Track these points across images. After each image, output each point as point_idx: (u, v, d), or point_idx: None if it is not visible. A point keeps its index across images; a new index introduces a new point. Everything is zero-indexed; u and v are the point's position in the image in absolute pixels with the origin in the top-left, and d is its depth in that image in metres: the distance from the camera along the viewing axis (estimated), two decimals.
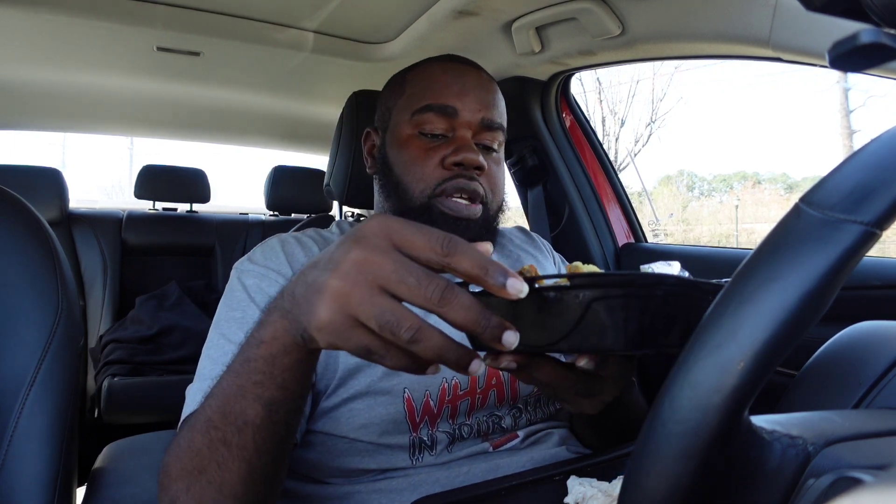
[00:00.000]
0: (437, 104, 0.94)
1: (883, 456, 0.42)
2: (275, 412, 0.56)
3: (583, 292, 0.49)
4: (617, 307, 0.49)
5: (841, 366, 0.59)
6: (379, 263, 0.44)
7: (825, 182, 0.40)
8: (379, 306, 0.44)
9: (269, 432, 0.57)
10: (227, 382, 0.58)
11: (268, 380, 0.55)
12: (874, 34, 0.43)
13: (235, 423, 0.56)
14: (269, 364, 0.54)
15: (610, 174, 1.79)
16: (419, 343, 0.44)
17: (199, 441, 0.59)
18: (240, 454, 0.57)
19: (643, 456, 0.40)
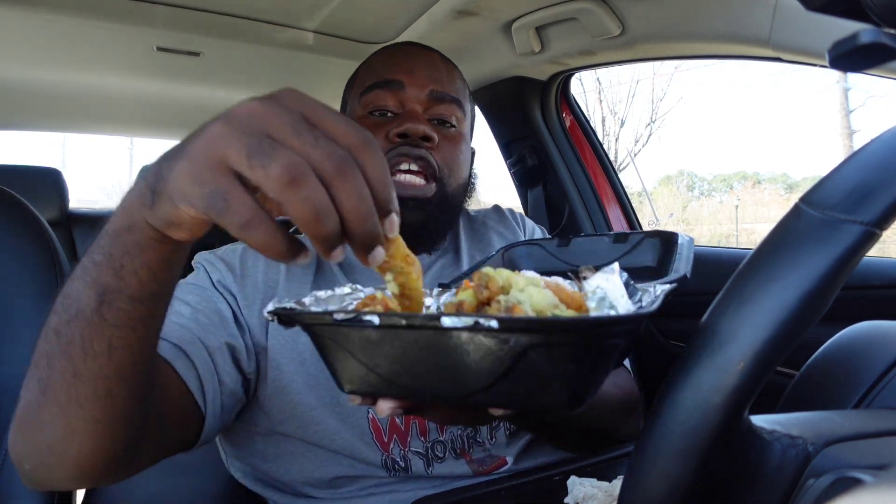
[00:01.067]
0: (382, 80, 0.91)
1: (883, 456, 0.42)
2: (107, 307, 0.48)
3: (514, 337, 0.38)
4: (564, 357, 0.39)
5: (841, 366, 0.59)
6: (276, 115, 0.39)
7: (825, 182, 0.40)
8: (257, 141, 0.38)
9: (98, 332, 0.49)
10: (78, 266, 0.51)
11: (105, 260, 0.47)
12: (874, 34, 0.43)
13: (68, 311, 0.50)
14: (111, 241, 0.47)
15: (610, 174, 1.80)
16: (293, 186, 0.37)
17: (43, 331, 0.52)
18: (66, 348, 0.50)
19: (643, 456, 0.40)
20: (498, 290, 0.45)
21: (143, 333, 0.52)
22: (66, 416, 0.52)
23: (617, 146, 13.17)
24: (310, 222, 0.38)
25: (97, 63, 1.74)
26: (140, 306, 0.49)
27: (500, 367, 0.39)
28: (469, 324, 0.38)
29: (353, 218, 0.39)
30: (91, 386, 0.51)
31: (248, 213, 0.38)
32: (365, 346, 0.43)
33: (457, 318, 0.38)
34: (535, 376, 0.40)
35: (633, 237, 0.67)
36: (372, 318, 0.41)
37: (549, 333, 0.38)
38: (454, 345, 0.40)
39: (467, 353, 0.40)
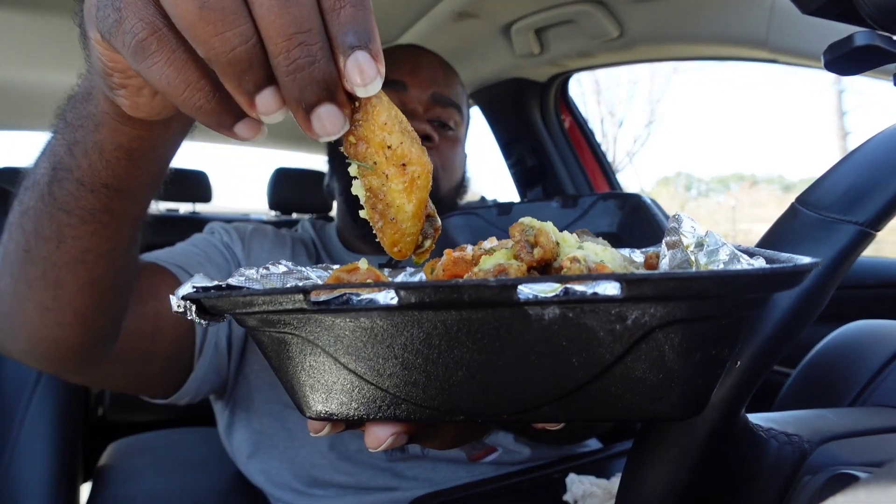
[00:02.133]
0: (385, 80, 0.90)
1: (878, 453, 0.43)
2: (57, 185, 0.44)
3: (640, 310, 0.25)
4: (707, 336, 0.26)
5: (836, 364, 0.59)
6: None
7: (821, 183, 0.41)
8: None
9: (49, 212, 0.45)
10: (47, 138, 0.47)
11: (63, 128, 0.44)
12: (868, 37, 0.43)
13: (28, 179, 0.47)
14: (71, 107, 0.43)
15: (608, 175, 1.80)
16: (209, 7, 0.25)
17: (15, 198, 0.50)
18: (20, 222, 0.47)
19: (641, 453, 0.40)
20: (554, 249, 0.32)
21: (94, 229, 0.47)
22: (16, 294, 0.50)
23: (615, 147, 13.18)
24: (196, 25, 0.26)
25: None
26: (89, 195, 0.44)
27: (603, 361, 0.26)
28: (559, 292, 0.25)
29: (274, 33, 0.26)
30: (39, 269, 0.48)
31: (142, 28, 0.28)
32: (363, 342, 0.28)
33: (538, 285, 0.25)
34: (654, 370, 0.26)
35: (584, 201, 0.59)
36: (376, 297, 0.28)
37: (703, 300, 0.25)
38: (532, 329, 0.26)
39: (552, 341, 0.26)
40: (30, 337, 0.53)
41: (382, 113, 0.30)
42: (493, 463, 0.86)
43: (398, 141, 0.30)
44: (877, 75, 0.94)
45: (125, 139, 0.41)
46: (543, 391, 0.27)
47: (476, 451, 0.86)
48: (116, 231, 0.50)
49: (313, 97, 0.27)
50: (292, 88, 0.26)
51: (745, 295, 0.26)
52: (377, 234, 0.33)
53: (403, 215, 0.31)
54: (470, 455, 0.85)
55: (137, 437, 1.31)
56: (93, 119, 0.41)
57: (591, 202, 0.58)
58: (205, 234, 0.88)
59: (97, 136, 0.41)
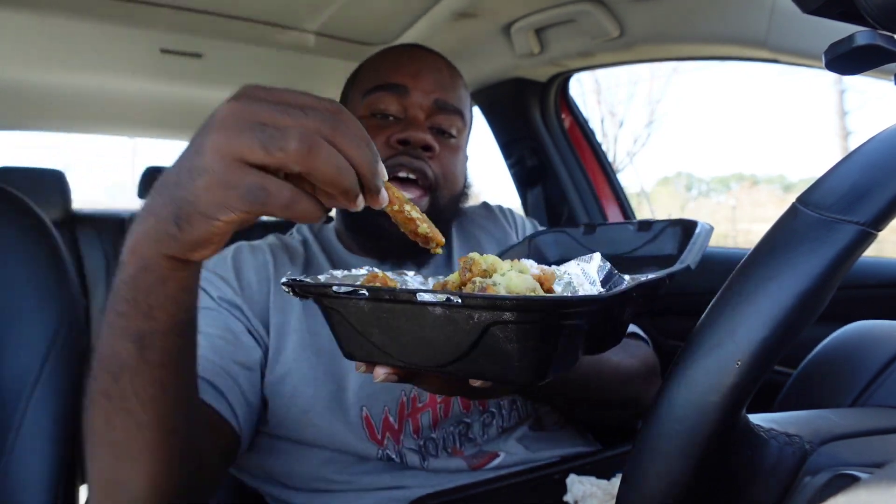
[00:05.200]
0: (387, 83, 0.89)
1: (879, 453, 0.43)
2: (148, 350, 0.49)
3: (478, 313, 0.41)
4: (522, 335, 0.41)
5: (837, 365, 0.59)
6: (257, 106, 0.41)
7: (821, 183, 0.41)
8: (262, 130, 0.40)
9: (147, 377, 0.50)
10: (102, 324, 0.51)
11: (132, 309, 0.48)
12: (869, 36, 0.43)
13: (111, 371, 0.50)
14: (131, 288, 0.48)
15: (608, 175, 1.80)
16: (312, 153, 0.40)
17: (88, 398, 0.53)
18: (121, 405, 0.50)
19: (641, 454, 0.40)
20: (479, 273, 0.48)
21: (185, 362, 0.54)
22: (142, 466, 0.53)
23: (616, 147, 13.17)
24: (335, 179, 0.42)
25: (101, 64, 1.74)
26: (176, 337, 0.51)
27: (467, 341, 0.42)
28: (442, 299, 0.41)
29: (361, 164, 0.43)
30: (157, 429, 0.52)
31: (288, 193, 0.41)
32: (360, 316, 0.48)
33: (431, 294, 0.41)
34: (497, 351, 0.42)
35: (657, 225, 0.68)
36: (362, 292, 0.45)
37: (502, 311, 0.40)
38: (430, 318, 0.43)
39: (441, 326, 0.43)
40: (164, 498, 0.56)
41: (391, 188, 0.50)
42: (495, 468, 0.85)
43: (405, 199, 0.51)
44: (878, 75, 0.94)
45: (185, 280, 0.49)
46: (446, 355, 0.44)
47: (478, 459, 0.85)
48: (195, 351, 0.56)
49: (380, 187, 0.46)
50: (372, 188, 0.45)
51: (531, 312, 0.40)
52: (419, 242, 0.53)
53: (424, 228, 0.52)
54: (472, 464, 0.85)
55: None
56: (160, 281, 0.47)
57: (662, 227, 0.68)
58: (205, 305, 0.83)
59: (167, 291, 0.48)
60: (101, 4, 1.30)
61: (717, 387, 0.38)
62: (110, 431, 0.52)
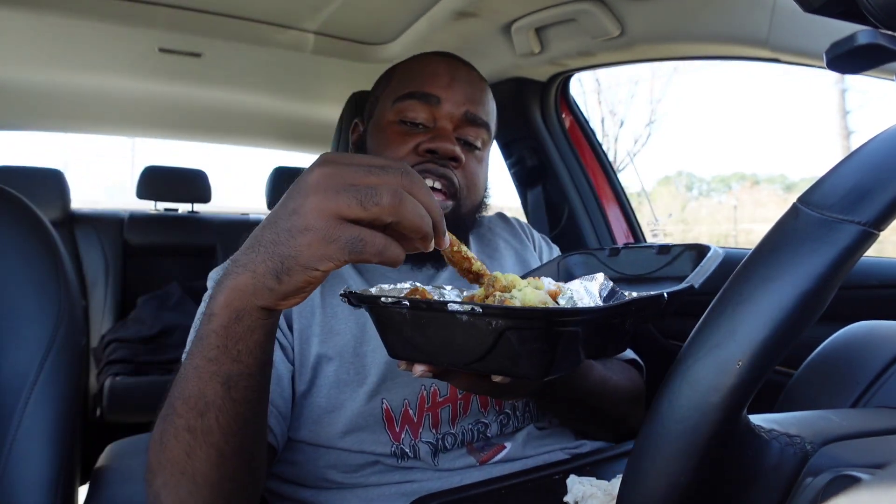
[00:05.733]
0: (420, 91, 0.91)
1: (880, 454, 0.42)
2: (234, 389, 0.55)
3: (496, 320, 0.49)
4: (529, 338, 0.49)
5: (839, 365, 0.59)
6: (349, 170, 0.49)
7: (823, 182, 0.41)
8: (356, 189, 0.47)
9: (232, 413, 0.55)
10: (184, 367, 0.57)
11: (222, 354, 0.53)
12: (871, 35, 0.43)
13: (196, 407, 0.55)
14: (221, 337, 0.53)
15: (609, 174, 1.80)
16: (402, 205, 0.47)
17: (167, 432, 0.57)
18: (206, 440, 0.56)
19: (642, 455, 0.40)
20: (500, 288, 0.58)
21: (264, 395, 0.60)
22: (223, 492, 0.58)
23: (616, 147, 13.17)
24: (419, 226, 0.49)
25: (100, 64, 1.74)
26: (259, 377, 0.57)
27: (487, 343, 0.50)
28: (467, 309, 0.49)
29: (433, 212, 0.51)
30: (237, 458, 0.58)
31: (381, 241, 0.48)
32: (403, 322, 0.55)
33: (459, 305, 0.49)
34: (511, 351, 0.50)
35: (675, 249, 0.76)
36: (405, 303, 0.53)
37: (514, 318, 0.48)
38: (458, 324, 0.50)
39: (467, 330, 0.50)
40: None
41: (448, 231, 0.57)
42: (502, 461, 0.86)
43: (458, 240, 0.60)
44: (879, 74, 0.93)
45: (270, 326, 0.55)
46: (471, 354, 0.52)
47: (485, 452, 0.87)
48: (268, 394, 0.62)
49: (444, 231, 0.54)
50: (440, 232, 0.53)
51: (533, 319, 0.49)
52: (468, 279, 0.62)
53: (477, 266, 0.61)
54: (479, 458, 0.86)
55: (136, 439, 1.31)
56: (249, 329, 0.53)
57: (680, 251, 0.75)
58: None
59: (255, 337, 0.54)
60: (100, 4, 1.30)
61: (718, 387, 0.37)
62: (192, 462, 0.57)
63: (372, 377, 0.83)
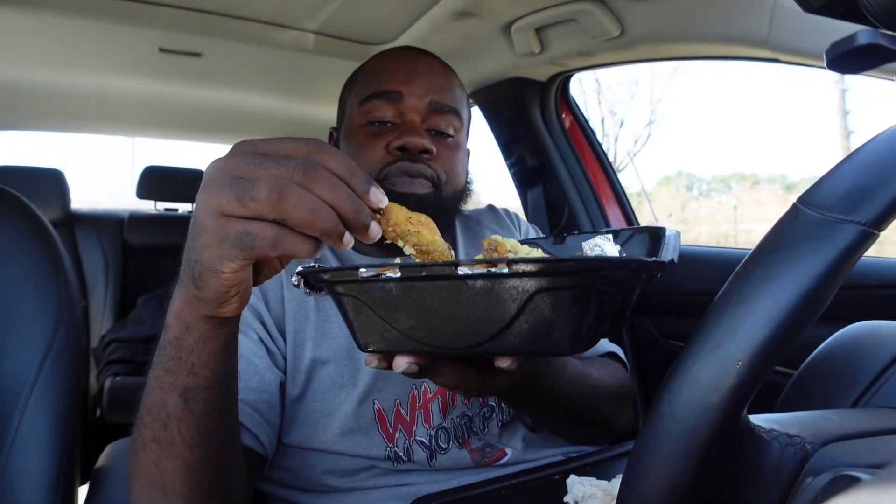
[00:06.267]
0: (381, 90, 0.91)
1: (880, 454, 0.42)
2: (192, 401, 0.54)
3: (522, 281, 0.40)
4: (569, 300, 0.41)
5: (839, 365, 0.59)
6: (238, 160, 0.45)
7: (823, 182, 0.41)
8: (237, 184, 0.43)
9: (193, 425, 0.55)
10: (148, 377, 0.56)
11: (177, 366, 0.53)
12: (871, 35, 0.43)
13: (158, 418, 0.55)
14: (175, 348, 0.52)
15: (609, 174, 1.80)
16: (282, 200, 0.42)
17: (137, 441, 0.58)
18: (171, 451, 0.55)
19: (642, 455, 0.40)
20: (505, 252, 0.51)
21: (228, 408, 0.58)
22: (192, 501, 0.58)
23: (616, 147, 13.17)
24: (311, 222, 0.43)
25: (100, 64, 1.74)
26: (219, 389, 0.55)
27: (509, 312, 0.42)
28: (482, 271, 0.40)
29: (340, 205, 0.44)
30: (205, 469, 0.57)
31: (271, 233, 0.44)
32: (386, 300, 0.47)
33: (470, 267, 0.42)
34: (540, 320, 0.42)
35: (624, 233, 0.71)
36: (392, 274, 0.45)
37: (553, 276, 0.40)
38: (468, 293, 0.43)
39: (480, 300, 0.42)
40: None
41: (394, 209, 0.48)
42: (503, 465, 0.86)
43: (407, 213, 0.49)
44: (880, 74, 0.93)
45: (225, 337, 0.53)
46: (482, 332, 0.44)
47: (487, 458, 0.86)
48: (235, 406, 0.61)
49: (366, 223, 0.45)
50: (356, 226, 0.45)
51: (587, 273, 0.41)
52: None
53: (437, 245, 0.50)
54: (481, 462, 0.85)
55: None
56: (199, 341, 0.52)
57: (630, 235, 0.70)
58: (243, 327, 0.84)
59: (207, 349, 0.52)
60: (100, 4, 1.30)
61: (718, 387, 0.37)
62: (160, 472, 0.57)
63: (364, 379, 0.83)
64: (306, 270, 0.52)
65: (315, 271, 0.51)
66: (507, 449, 0.87)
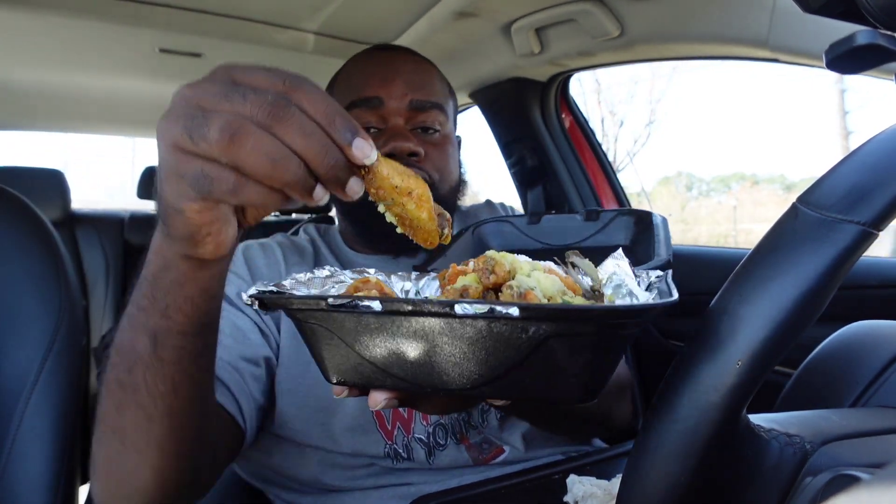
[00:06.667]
0: (360, 98, 0.90)
1: (879, 454, 0.42)
2: (161, 346, 0.50)
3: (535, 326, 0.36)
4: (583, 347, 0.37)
5: (838, 365, 0.59)
6: (206, 88, 0.39)
7: (822, 182, 0.41)
8: (192, 117, 0.38)
9: (159, 373, 0.51)
10: (123, 314, 0.53)
11: (150, 304, 0.49)
12: (870, 36, 0.43)
13: (127, 361, 0.51)
14: (151, 285, 0.49)
15: (609, 175, 1.80)
16: (235, 144, 0.37)
17: (103, 384, 0.54)
18: (133, 397, 0.52)
19: (642, 454, 0.40)
20: (506, 275, 0.44)
21: (201, 363, 0.54)
22: (148, 459, 0.54)
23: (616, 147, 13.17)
24: (270, 172, 0.38)
25: (100, 64, 1.74)
26: (193, 339, 0.51)
27: (515, 357, 0.37)
28: (484, 310, 0.35)
29: (309, 155, 0.38)
30: (166, 424, 0.53)
31: (229, 177, 0.38)
32: (361, 333, 0.41)
33: (470, 305, 0.36)
34: (551, 366, 0.37)
35: (605, 215, 0.66)
36: (372, 304, 0.39)
37: (573, 322, 0.36)
38: (467, 333, 0.37)
39: (481, 342, 0.37)
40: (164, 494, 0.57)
41: (383, 168, 0.42)
42: (501, 463, 0.86)
43: (399, 180, 0.43)
44: (879, 74, 0.94)
45: (206, 281, 0.49)
46: (480, 375, 0.39)
47: (485, 454, 0.86)
48: (213, 358, 0.57)
49: (344, 178, 0.40)
50: (331, 180, 0.40)
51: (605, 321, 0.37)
52: (413, 239, 0.46)
53: (423, 222, 0.45)
54: (478, 459, 0.85)
55: None
56: (176, 282, 0.48)
57: (612, 217, 0.65)
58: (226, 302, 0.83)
59: (184, 292, 0.48)
60: (100, 4, 1.30)
61: (718, 387, 0.38)
62: (120, 419, 0.53)
63: None
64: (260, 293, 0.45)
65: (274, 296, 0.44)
66: (505, 446, 0.87)
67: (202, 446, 0.60)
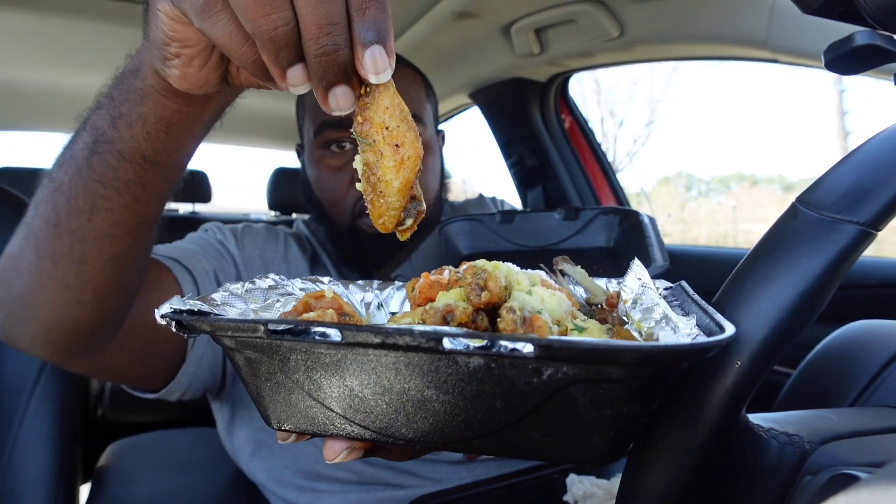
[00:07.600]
0: (329, 118, 0.89)
1: (878, 453, 0.43)
2: (97, 157, 0.47)
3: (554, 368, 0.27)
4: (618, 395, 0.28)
5: (837, 364, 0.59)
6: None
7: (821, 182, 0.41)
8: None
9: (84, 183, 0.48)
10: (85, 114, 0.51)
11: (107, 104, 0.47)
12: (869, 36, 0.43)
13: (64, 154, 0.50)
14: (118, 85, 0.47)
15: (608, 175, 1.80)
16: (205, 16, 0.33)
17: (44, 175, 0.53)
18: (52, 196, 0.50)
19: (642, 454, 0.40)
20: (501, 292, 0.34)
21: (126, 201, 0.50)
22: (38, 272, 0.52)
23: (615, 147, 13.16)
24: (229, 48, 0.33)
25: (100, 64, 1.74)
26: (128, 166, 0.48)
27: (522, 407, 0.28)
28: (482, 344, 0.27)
29: (308, 22, 0.31)
30: (67, 244, 0.50)
31: None
32: (313, 369, 0.31)
33: (465, 338, 0.27)
34: (569, 420, 0.29)
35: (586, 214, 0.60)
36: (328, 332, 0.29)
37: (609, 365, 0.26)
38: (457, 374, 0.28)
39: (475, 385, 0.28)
40: (44, 318, 0.54)
41: (386, 99, 0.34)
42: (491, 460, 0.86)
43: (395, 124, 0.35)
44: (877, 75, 0.94)
45: (167, 112, 0.45)
46: (472, 427, 0.30)
47: None
48: (145, 205, 0.52)
49: (333, 78, 0.32)
50: (317, 68, 0.32)
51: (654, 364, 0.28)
52: (367, 206, 0.37)
53: (391, 190, 0.36)
54: (467, 455, 0.85)
55: (137, 438, 1.31)
56: (139, 93, 0.45)
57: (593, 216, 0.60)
58: (199, 233, 0.89)
59: (141, 109, 0.45)
60: (101, 5, 1.30)
61: (717, 386, 0.38)
62: (34, 216, 0.52)
63: None
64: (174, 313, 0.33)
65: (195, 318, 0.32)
66: None
67: (103, 297, 0.55)
